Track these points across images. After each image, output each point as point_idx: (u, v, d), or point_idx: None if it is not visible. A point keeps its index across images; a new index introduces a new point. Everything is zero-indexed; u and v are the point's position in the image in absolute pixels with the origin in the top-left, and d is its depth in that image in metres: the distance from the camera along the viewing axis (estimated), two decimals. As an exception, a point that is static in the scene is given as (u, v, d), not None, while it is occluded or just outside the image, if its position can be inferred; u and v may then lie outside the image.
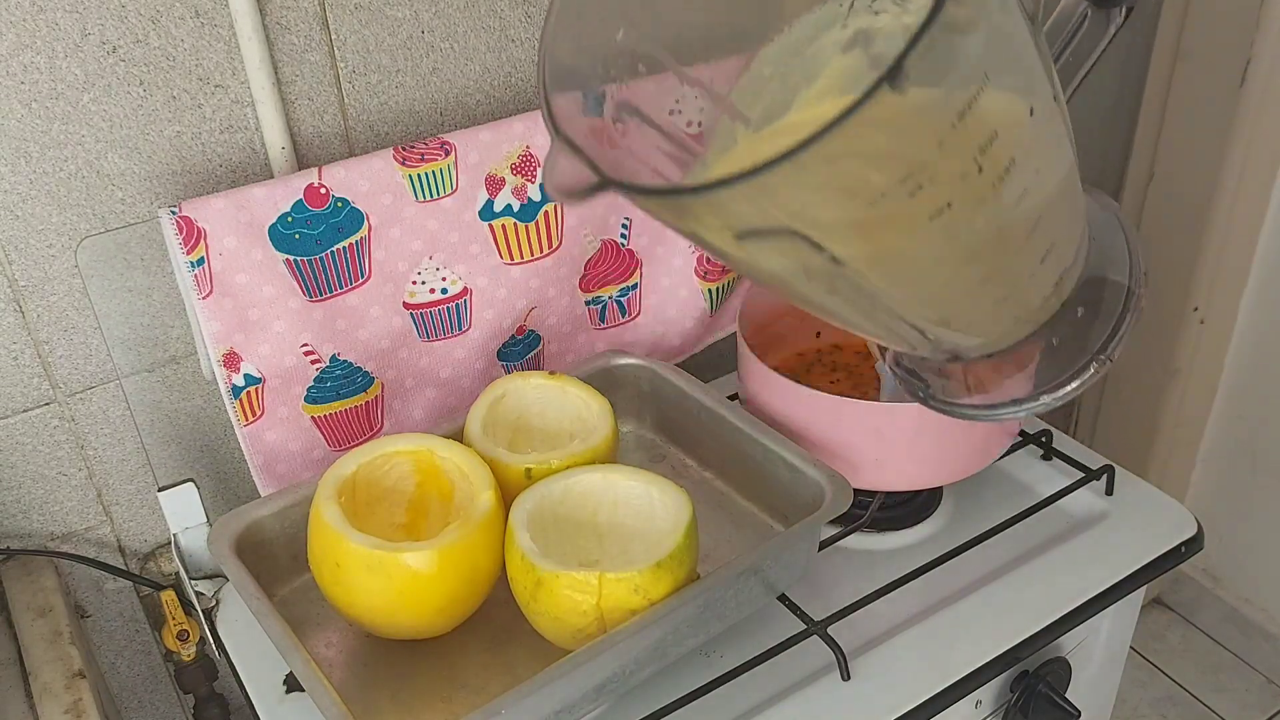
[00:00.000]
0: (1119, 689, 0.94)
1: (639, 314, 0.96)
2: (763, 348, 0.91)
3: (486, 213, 0.83)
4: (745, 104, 0.55)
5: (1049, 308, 0.55)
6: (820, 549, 0.80)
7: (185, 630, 0.83)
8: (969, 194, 0.43)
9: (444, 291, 0.84)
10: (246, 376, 0.78)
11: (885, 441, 0.79)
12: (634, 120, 0.52)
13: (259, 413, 0.80)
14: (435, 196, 0.81)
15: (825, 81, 0.54)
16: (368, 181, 0.78)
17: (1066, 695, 0.80)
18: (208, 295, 0.74)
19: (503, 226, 0.84)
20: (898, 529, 0.85)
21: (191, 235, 0.73)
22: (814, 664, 0.73)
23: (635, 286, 0.94)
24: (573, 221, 0.87)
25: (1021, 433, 0.88)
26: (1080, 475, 0.86)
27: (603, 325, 0.95)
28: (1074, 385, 0.59)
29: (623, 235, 0.91)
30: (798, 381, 0.80)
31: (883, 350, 0.77)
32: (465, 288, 0.85)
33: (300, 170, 0.78)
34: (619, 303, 0.94)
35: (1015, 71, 0.44)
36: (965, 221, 0.45)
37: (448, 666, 0.71)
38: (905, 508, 0.86)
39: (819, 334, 0.97)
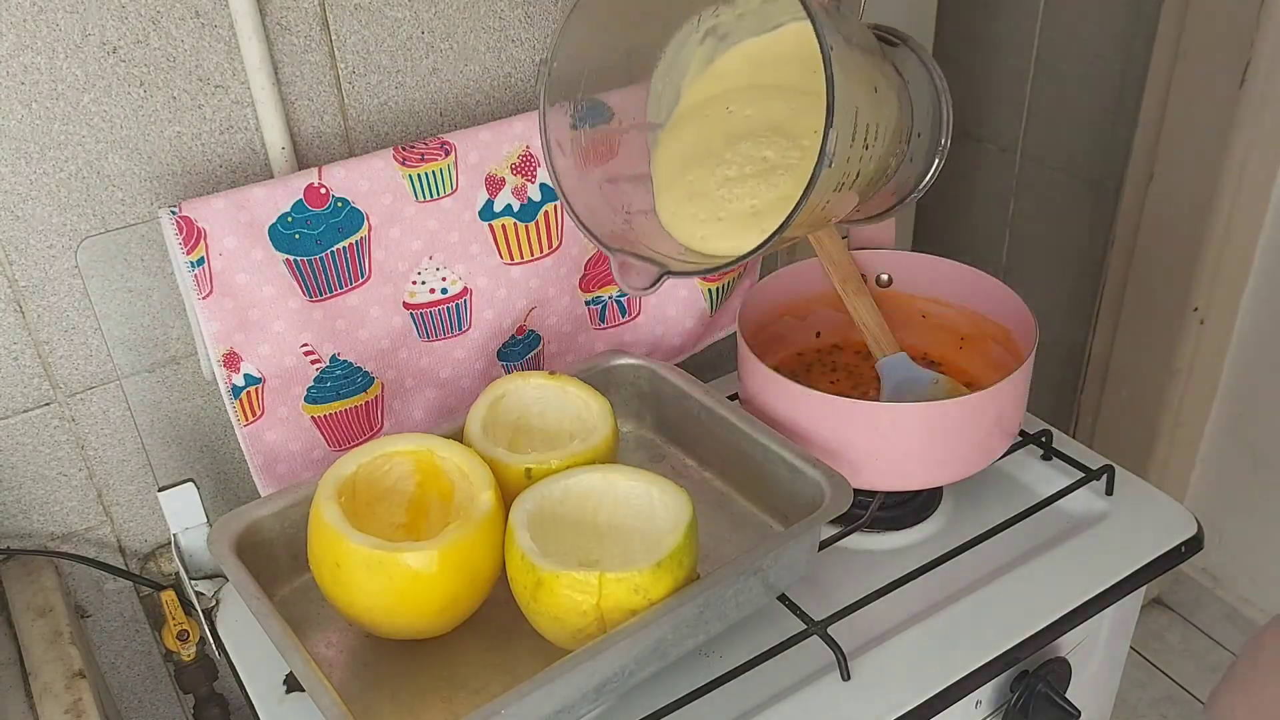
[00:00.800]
0: (1119, 689, 0.94)
1: (639, 314, 0.96)
2: (763, 348, 0.91)
3: (486, 213, 0.83)
4: (654, 115, 0.81)
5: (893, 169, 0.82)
6: (820, 549, 0.80)
7: (185, 630, 0.83)
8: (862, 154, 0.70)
9: (444, 291, 0.84)
10: (246, 376, 0.78)
11: (885, 441, 0.79)
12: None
13: (259, 413, 0.80)
14: (435, 196, 0.81)
15: (694, 67, 0.80)
16: (368, 181, 0.78)
17: (1066, 695, 0.80)
18: (208, 295, 0.74)
19: (503, 226, 0.84)
20: (898, 529, 0.85)
21: (191, 235, 0.73)
22: (814, 664, 0.73)
23: (635, 286, 0.94)
24: (572, 222, 0.87)
25: (1021, 433, 0.88)
26: (1080, 475, 0.86)
27: (602, 325, 0.95)
28: (895, 208, 0.87)
29: (623, 235, 0.91)
30: (798, 381, 0.80)
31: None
32: (465, 288, 0.85)
33: (300, 170, 0.78)
34: (619, 303, 0.94)
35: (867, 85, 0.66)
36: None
37: (448, 666, 0.71)
38: (905, 508, 0.86)
39: (819, 334, 0.97)
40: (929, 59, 0.75)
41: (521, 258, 0.86)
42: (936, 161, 0.78)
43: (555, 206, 0.86)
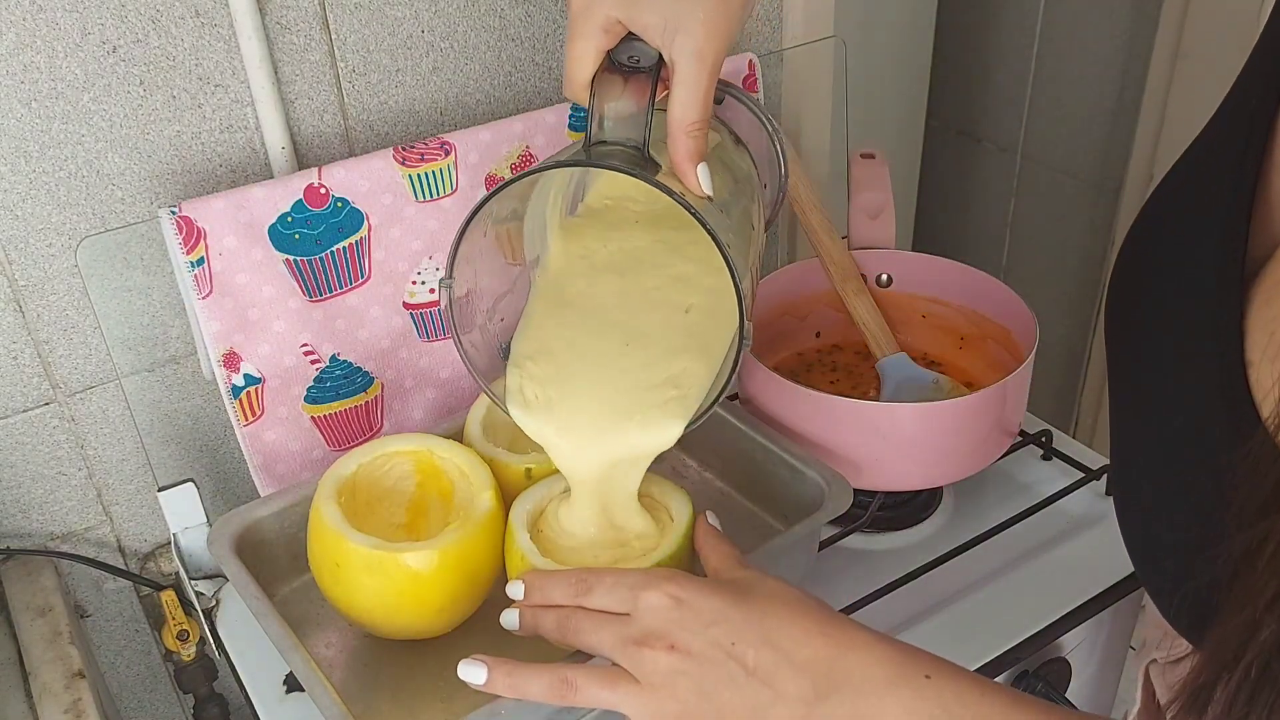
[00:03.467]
0: (1119, 689, 0.94)
1: (639, 314, 0.96)
2: (763, 348, 0.91)
3: (486, 213, 0.83)
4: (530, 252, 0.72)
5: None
6: (820, 549, 0.80)
7: (185, 630, 0.83)
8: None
9: (444, 291, 0.84)
10: (246, 376, 0.78)
11: (885, 441, 0.79)
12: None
13: (259, 413, 0.80)
14: (435, 196, 0.81)
15: (553, 196, 0.70)
16: (368, 181, 0.78)
17: (1066, 695, 0.80)
18: (207, 295, 0.74)
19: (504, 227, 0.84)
20: (898, 529, 0.85)
21: (191, 235, 0.73)
22: (814, 664, 0.73)
23: (635, 286, 0.94)
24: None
25: (1021, 433, 0.88)
26: (1080, 475, 0.86)
27: (603, 325, 0.95)
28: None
29: (623, 235, 0.91)
30: (797, 381, 0.80)
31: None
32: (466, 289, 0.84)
33: (300, 170, 0.78)
34: (619, 303, 0.94)
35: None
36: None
37: (448, 666, 0.71)
38: (905, 508, 0.86)
39: (819, 334, 0.97)
40: (756, 106, 0.74)
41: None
42: (780, 196, 0.78)
43: (555, 206, 0.86)
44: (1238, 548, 0.35)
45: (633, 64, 0.56)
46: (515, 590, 0.60)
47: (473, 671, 0.56)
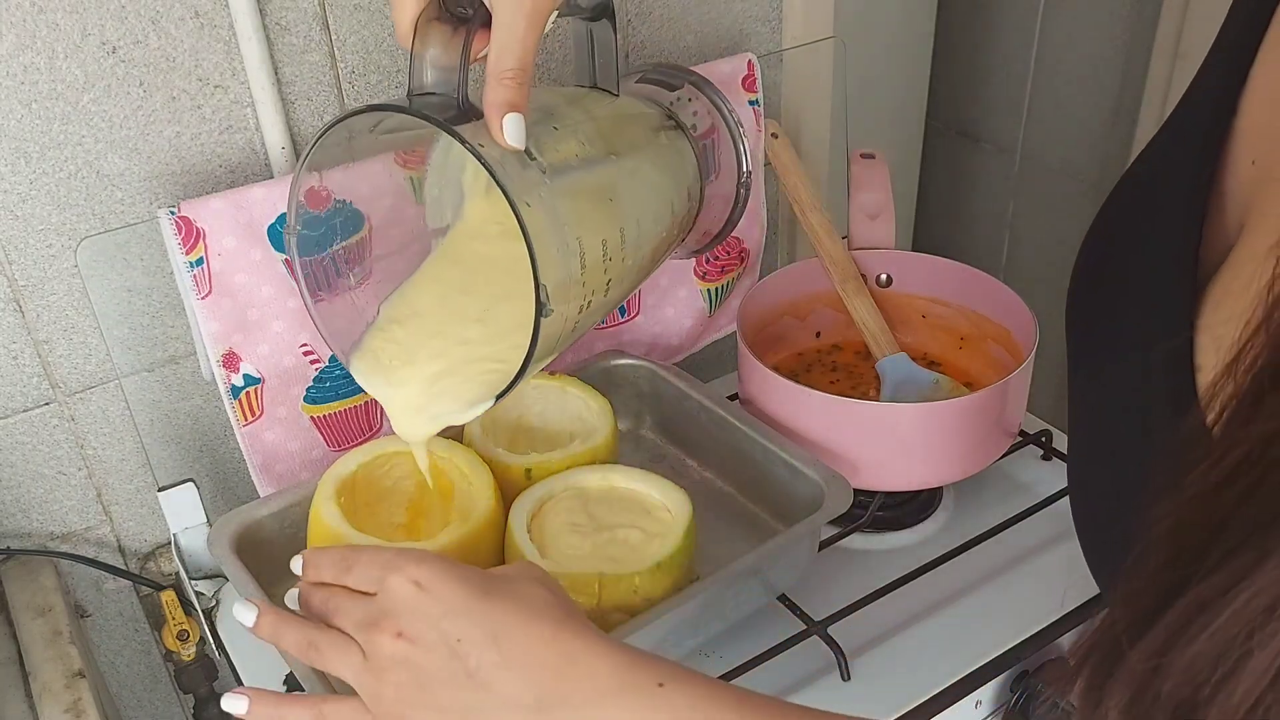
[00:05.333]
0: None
1: (638, 313, 0.96)
2: (762, 348, 0.91)
3: (486, 213, 0.83)
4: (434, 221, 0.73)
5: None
6: (820, 549, 0.80)
7: (185, 630, 0.83)
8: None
9: (444, 291, 0.84)
10: (246, 376, 0.78)
11: (885, 441, 0.79)
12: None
13: (258, 413, 0.80)
14: (435, 196, 0.81)
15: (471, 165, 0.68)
16: (368, 183, 0.78)
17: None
18: (207, 295, 0.74)
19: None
20: (898, 529, 0.85)
21: (190, 235, 0.73)
22: (814, 664, 0.73)
23: (635, 286, 0.94)
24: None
25: (1021, 433, 0.88)
26: (1080, 475, 0.86)
27: (601, 325, 0.95)
28: (717, 239, 0.82)
29: (622, 235, 0.91)
30: (797, 381, 0.80)
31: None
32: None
33: (300, 170, 0.78)
34: (619, 303, 0.94)
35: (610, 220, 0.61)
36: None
37: (447, 666, 0.71)
38: (905, 508, 0.86)
39: (819, 334, 0.97)
40: (714, 92, 0.74)
41: (521, 258, 0.86)
42: (741, 192, 0.77)
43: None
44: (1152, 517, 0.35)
45: (461, 12, 0.54)
46: (295, 566, 0.59)
47: (245, 613, 0.57)
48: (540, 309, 0.54)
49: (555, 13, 0.54)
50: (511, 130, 0.53)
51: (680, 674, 0.49)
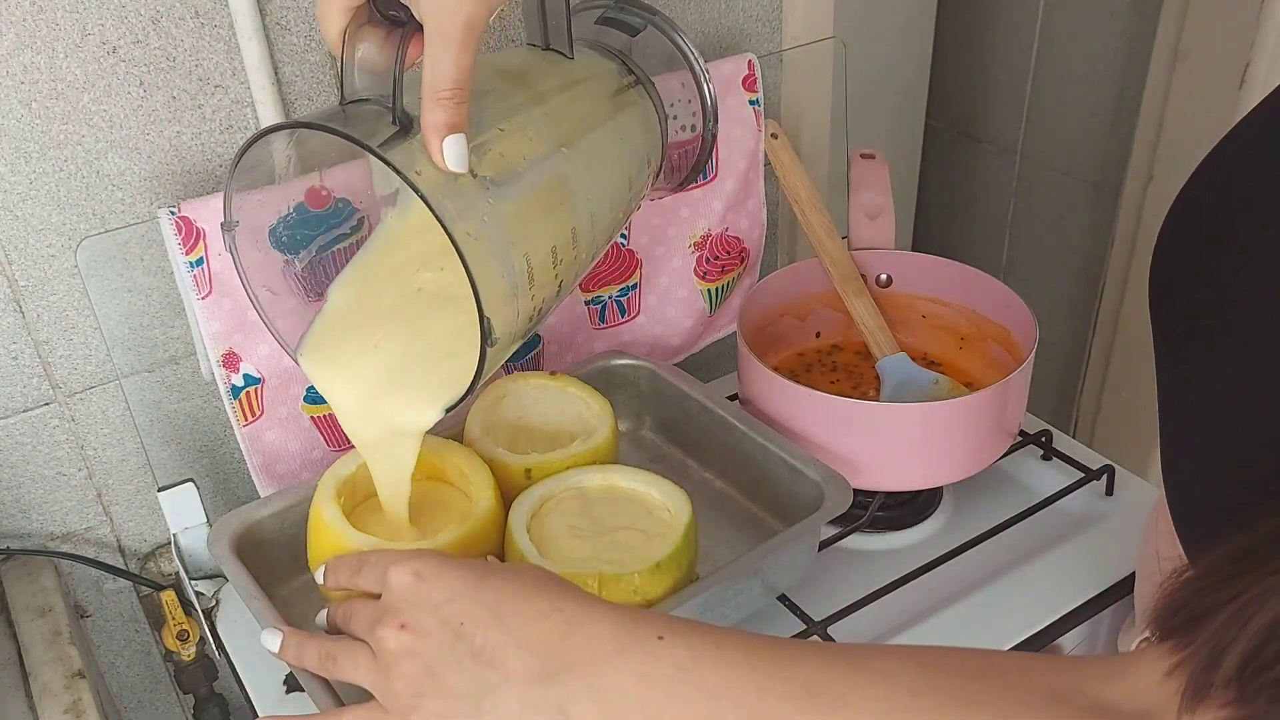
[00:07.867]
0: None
1: (638, 314, 0.96)
2: (762, 348, 0.91)
3: (486, 213, 0.83)
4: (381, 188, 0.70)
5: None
6: (820, 549, 0.80)
7: (185, 630, 0.83)
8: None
9: (444, 291, 0.84)
10: (246, 376, 0.78)
11: (885, 441, 0.79)
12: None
13: (258, 413, 0.80)
14: (435, 196, 0.80)
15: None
16: (369, 183, 0.78)
17: (1066, 695, 0.80)
18: (207, 295, 0.74)
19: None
20: (898, 529, 0.85)
21: (191, 235, 0.73)
22: (814, 664, 0.73)
23: (635, 286, 0.94)
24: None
25: (1021, 433, 0.88)
26: (1080, 475, 0.86)
27: (602, 325, 0.95)
28: (690, 177, 0.80)
29: (623, 236, 0.91)
30: (797, 382, 0.80)
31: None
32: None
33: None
34: (618, 303, 0.94)
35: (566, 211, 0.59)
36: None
37: (447, 667, 0.71)
38: (905, 508, 0.86)
39: (819, 334, 0.97)
40: (681, 38, 0.69)
41: (521, 258, 0.86)
42: (709, 137, 0.74)
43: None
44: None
45: (394, 16, 0.51)
46: (319, 576, 0.59)
47: (270, 640, 0.57)
48: (485, 338, 0.52)
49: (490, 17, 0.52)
50: (453, 154, 0.51)
51: (679, 625, 0.49)
